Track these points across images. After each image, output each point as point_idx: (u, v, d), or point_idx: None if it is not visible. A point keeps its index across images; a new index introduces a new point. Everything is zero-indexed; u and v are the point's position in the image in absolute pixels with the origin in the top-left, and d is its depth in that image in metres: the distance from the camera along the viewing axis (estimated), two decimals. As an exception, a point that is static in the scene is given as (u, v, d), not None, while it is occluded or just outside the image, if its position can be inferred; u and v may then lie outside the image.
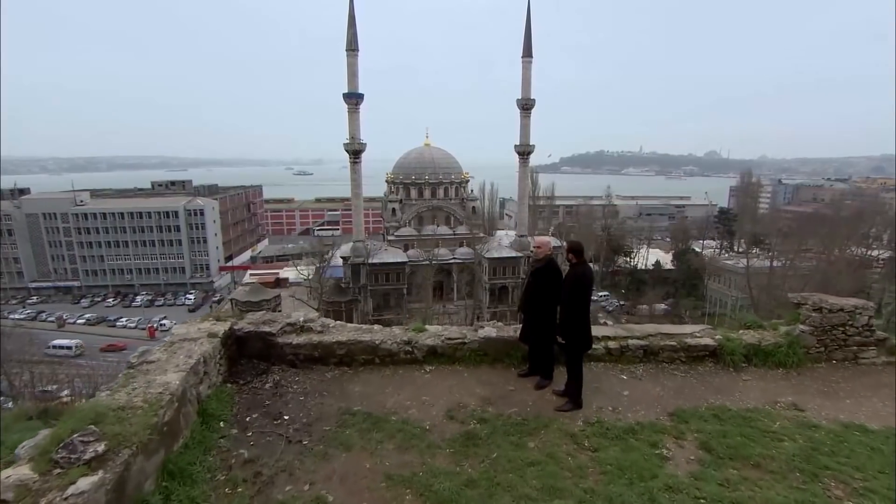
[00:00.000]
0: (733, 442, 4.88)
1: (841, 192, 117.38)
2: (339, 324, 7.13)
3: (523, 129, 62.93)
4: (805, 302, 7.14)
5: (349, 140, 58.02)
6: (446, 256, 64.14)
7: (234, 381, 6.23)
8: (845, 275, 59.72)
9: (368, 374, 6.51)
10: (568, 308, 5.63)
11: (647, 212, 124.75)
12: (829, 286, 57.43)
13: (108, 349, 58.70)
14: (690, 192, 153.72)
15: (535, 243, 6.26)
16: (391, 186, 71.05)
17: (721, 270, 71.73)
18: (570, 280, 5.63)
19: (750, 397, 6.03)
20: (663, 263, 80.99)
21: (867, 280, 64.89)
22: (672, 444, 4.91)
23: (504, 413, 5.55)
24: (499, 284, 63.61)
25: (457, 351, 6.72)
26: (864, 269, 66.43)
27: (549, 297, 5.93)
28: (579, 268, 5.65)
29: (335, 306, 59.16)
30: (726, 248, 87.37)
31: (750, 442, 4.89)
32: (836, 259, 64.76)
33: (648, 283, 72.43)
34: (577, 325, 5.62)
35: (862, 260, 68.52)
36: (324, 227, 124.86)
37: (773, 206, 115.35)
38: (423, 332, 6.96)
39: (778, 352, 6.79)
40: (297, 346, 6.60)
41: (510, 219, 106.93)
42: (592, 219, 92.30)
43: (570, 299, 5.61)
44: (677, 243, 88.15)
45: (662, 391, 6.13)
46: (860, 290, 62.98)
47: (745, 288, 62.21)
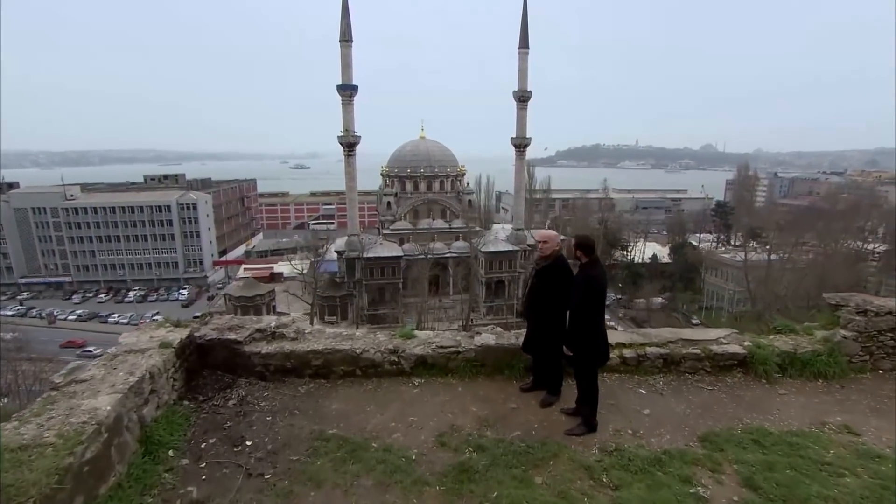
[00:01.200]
0: (783, 478, 4.04)
1: (837, 186, 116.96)
2: (316, 329, 6.27)
3: (519, 121, 61.99)
4: (846, 303, 6.31)
5: (343, 132, 56.98)
6: (442, 250, 63.25)
7: (193, 398, 5.37)
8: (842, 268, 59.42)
9: (348, 388, 5.66)
10: (578, 316, 4.79)
11: (643, 205, 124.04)
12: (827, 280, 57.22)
13: (68, 346, 56.04)
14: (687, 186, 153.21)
15: (539, 237, 5.34)
16: (386, 180, 69.97)
17: (718, 264, 71.22)
18: (580, 283, 4.79)
19: (791, 416, 5.19)
20: (660, 257, 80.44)
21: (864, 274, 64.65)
22: (708, 480, 4.08)
23: (505, 438, 4.72)
24: (495, 278, 62.86)
25: (450, 361, 5.87)
26: (860, 262, 66.22)
27: (556, 301, 5.09)
28: (591, 268, 4.79)
29: (330, 301, 58.39)
30: (723, 242, 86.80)
31: (803, 477, 4.05)
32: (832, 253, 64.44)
33: (645, 277, 71.90)
34: (589, 336, 4.78)
35: (858, 253, 68.29)
36: (319, 221, 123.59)
37: (769, 200, 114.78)
38: (412, 338, 6.11)
39: (817, 361, 5.97)
40: (267, 355, 5.74)
41: (506, 212, 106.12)
42: (589, 212, 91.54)
43: (580, 305, 4.75)
44: (674, 237, 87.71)
45: (688, 409, 5.30)
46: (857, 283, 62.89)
47: (742, 282, 61.75)
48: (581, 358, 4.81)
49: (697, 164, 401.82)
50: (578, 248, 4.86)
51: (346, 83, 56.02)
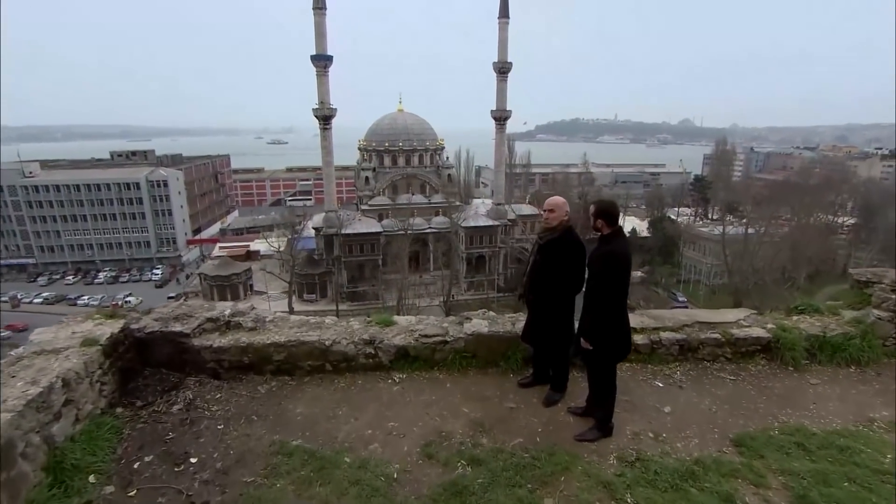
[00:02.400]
0: (843, 494, 3.35)
1: (809, 161, 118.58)
2: (278, 316, 5.37)
3: (500, 93, 60.72)
4: (878, 280, 5.66)
5: (318, 105, 54.98)
6: (422, 226, 62.14)
7: (129, 404, 4.46)
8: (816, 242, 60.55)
9: (316, 386, 4.82)
10: (598, 300, 3.94)
11: (622, 179, 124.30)
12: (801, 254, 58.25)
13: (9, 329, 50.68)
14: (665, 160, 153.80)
15: (546, 205, 4.40)
16: (363, 154, 68.15)
17: (696, 238, 71.85)
18: (600, 259, 3.92)
19: (830, 411, 4.54)
20: (639, 231, 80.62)
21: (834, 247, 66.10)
22: (754, 498, 3.38)
23: (505, 447, 3.94)
24: (476, 254, 62.22)
25: (436, 352, 5.05)
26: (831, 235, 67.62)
27: (564, 282, 4.29)
28: (614, 241, 3.95)
29: (308, 279, 57.16)
30: (701, 216, 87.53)
31: (866, 492, 3.37)
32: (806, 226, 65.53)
33: (624, 251, 71.93)
34: (610, 325, 3.96)
35: (829, 227, 69.64)
36: (296, 198, 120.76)
37: (745, 174, 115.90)
38: (390, 326, 5.26)
39: (849, 345, 5.31)
40: (220, 349, 4.84)
41: (486, 187, 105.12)
42: (569, 186, 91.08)
43: (601, 287, 3.91)
44: (653, 211, 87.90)
45: (713, 404, 4.60)
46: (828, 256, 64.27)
47: (719, 255, 62.32)
48: (600, 351, 4.00)
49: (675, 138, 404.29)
50: (600, 216, 3.98)
51: (319, 53, 53.81)
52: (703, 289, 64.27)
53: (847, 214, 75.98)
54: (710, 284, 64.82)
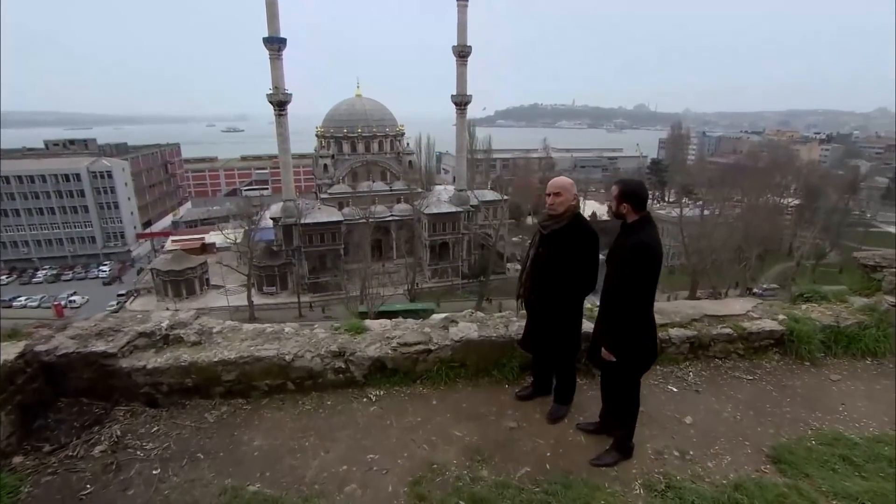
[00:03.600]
0: (915, 521, 2.84)
1: (757, 144, 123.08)
2: (229, 326, 4.50)
3: (460, 77, 59.72)
4: (889, 264, 5.28)
5: (273, 90, 52.56)
6: (384, 214, 60.90)
7: (34, 449, 3.54)
8: (765, 222, 63.01)
9: (276, 410, 4.01)
10: (624, 301, 3.27)
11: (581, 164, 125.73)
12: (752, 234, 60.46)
13: None
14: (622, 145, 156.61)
15: (551, 187, 3.66)
16: (321, 141, 65.97)
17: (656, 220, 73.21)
18: (629, 252, 3.23)
19: (862, 413, 4.09)
20: (599, 215, 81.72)
21: (781, 226, 69.04)
22: None
23: (510, 479, 3.27)
24: (439, 241, 61.53)
25: (418, 363, 4.32)
26: (778, 216, 70.55)
27: (575, 281, 3.63)
28: (643, 230, 3.28)
29: (267, 271, 55.20)
30: (658, 199, 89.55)
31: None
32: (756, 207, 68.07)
33: (585, 235, 72.84)
34: (639, 331, 3.32)
35: (777, 207, 72.60)
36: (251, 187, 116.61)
37: (699, 157, 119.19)
38: (363, 333, 4.48)
39: (865, 335, 4.93)
40: (156, 371, 3.96)
41: (447, 173, 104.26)
42: (530, 171, 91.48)
43: (628, 286, 3.23)
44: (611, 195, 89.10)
45: (736, 411, 4.07)
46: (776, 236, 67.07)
47: (677, 237, 63.91)
48: (625, 362, 3.36)
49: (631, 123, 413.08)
50: (626, 198, 3.28)
51: (272, 35, 51.29)
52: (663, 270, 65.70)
53: (791, 196, 79.27)
54: (669, 265, 66.40)
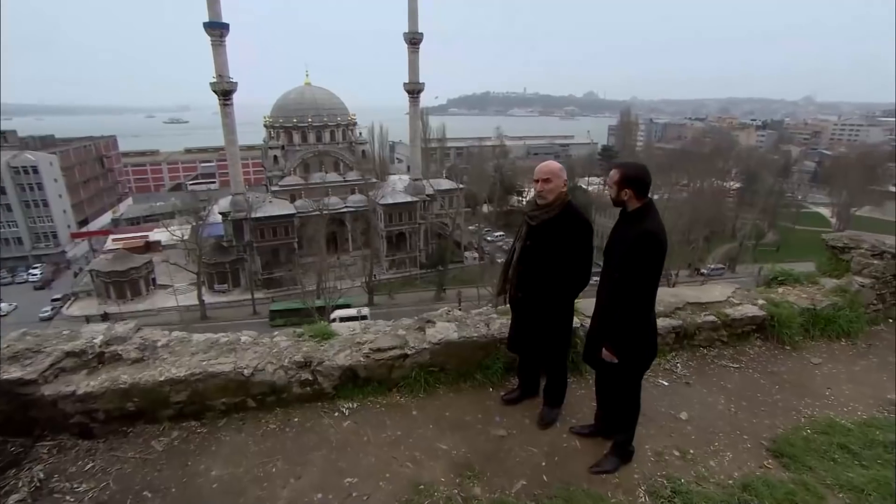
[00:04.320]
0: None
1: (701, 131, 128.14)
2: (176, 338, 3.95)
3: (412, 65, 58.85)
4: (856, 245, 5.31)
5: (216, 79, 49.93)
6: (338, 205, 59.51)
7: (-62, 498, 2.94)
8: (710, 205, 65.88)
9: (236, 433, 3.53)
10: (628, 297, 2.98)
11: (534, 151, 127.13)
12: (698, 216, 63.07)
13: None
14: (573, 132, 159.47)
15: (539, 173, 3.32)
16: (270, 131, 63.55)
17: (607, 205, 75.03)
18: (633, 242, 2.92)
19: (848, 396, 4.09)
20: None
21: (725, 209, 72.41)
22: None
23: (506, 496, 2.98)
24: (396, 231, 60.82)
25: (393, 370, 3.94)
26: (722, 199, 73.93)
27: (569, 276, 3.33)
28: (647, 218, 2.96)
29: (218, 268, 52.99)
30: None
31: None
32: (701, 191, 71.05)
33: (541, 221, 73.96)
34: (642, 328, 3.07)
35: (720, 191, 76.00)
36: (197, 181, 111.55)
37: (647, 144, 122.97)
38: (330, 339, 4.05)
39: (839, 316, 4.96)
40: (89, 396, 3.39)
41: (401, 163, 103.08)
42: (484, 159, 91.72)
43: (632, 279, 2.94)
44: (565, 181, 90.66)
45: (729, 402, 3.96)
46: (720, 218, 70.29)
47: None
48: (627, 361, 3.09)
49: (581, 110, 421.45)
50: (628, 183, 2.98)
51: (213, 20, 48.64)
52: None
53: (733, 179, 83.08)
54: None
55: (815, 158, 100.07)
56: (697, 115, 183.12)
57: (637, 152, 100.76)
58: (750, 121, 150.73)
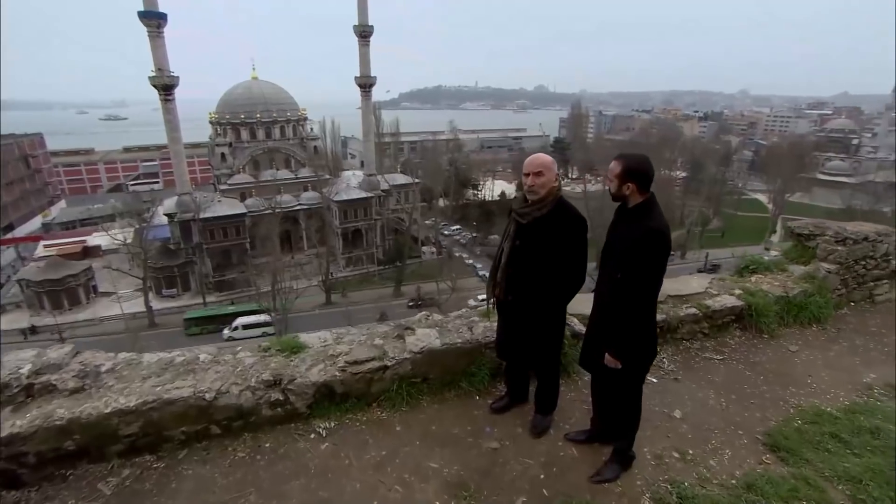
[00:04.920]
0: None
1: (648, 122, 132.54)
2: (123, 360, 3.50)
3: (363, 58, 57.83)
4: (821, 232, 5.42)
5: (156, 73, 47.33)
6: (291, 203, 57.91)
7: None
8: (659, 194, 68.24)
9: (200, 465, 3.16)
10: (632, 298, 2.79)
11: (488, 144, 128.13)
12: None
13: None
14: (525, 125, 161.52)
15: (529, 166, 3.12)
16: (217, 128, 61.03)
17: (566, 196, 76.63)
18: (631, 241, 2.74)
19: (828, 383, 4.18)
20: (508, 194, 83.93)
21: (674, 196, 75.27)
22: None
23: (507, 515, 2.75)
24: (351, 228, 59.76)
25: (373, 383, 3.66)
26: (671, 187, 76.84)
27: (563, 277, 3.13)
28: (651, 214, 2.77)
29: (166, 272, 50.48)
30: (562, 176, 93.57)
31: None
32: (653, 179, 73.46)
33: (497, 214, 74.52)
34: (646, 330, 2.91)
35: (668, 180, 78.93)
36: (139, 182, 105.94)
37: (597, 135, 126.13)
38: (300, 352, 3.71)
39: (811, 303, 5.07)
40: (15, 439, 2.92)
41: (354, 158, 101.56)
42: (438, 154, 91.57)
43: (638, 280, 2.75)
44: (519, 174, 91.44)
45: (720, 397, 3.94)
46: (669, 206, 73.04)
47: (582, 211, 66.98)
48: (629, 366, 2.92)
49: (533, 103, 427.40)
50: (631, 176, 2.79)
51: (149, 9, 45.99)
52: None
53: (679, 168, 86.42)
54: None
55: (752, 148, 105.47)
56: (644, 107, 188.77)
57: (588, 144, 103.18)
58: (692, 112, 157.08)
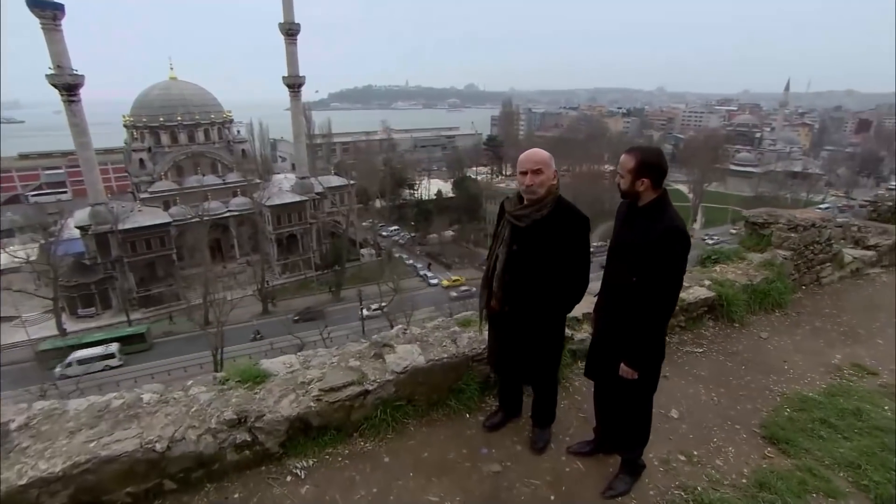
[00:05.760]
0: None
1: (575, 119, 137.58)
2: (42, 411, 2.87)
3: (290, 57, 55.81)
4: (774, 221, 5.60)
5: (55, 70, 43.00)
6: (219, 210, 54.96)
7: None
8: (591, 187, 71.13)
9: (156, 528, 2.63)
10: (652, 304, 2.58)
11: (421, 144, 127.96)
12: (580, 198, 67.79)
13: None
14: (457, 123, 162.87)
15: (526, 163, 2.81)
16: (132, 132, 56.71)
17: (497, 193, 77.99)
18: (647, 242, 2.54)
19: (803, 367, 4.28)
20: (445, 193, 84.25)
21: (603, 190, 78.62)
22: None
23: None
24: (286, 233, 57.60)
25: (353, 411, 3.25)
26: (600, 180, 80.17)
27: (567, 284, 2.88)
28: (669, 213, 2.58)
29: (81, 290, 46.16)
30: (497, 173, 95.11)
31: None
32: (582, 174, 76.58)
33: (434, 213, 74.74)
34: (662, 339, 2.73)
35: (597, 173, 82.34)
36: (42, 192, 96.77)
37: (528, 133, 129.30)
38: (265, 382, 3.23)
39: (772, 289, 5.21)
40: None
41: (285, 161, 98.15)
42: (371, 154, 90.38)
43: (658, 284, 2.55)
44: (454, 172, 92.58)
45: (708, 390, 3.94)
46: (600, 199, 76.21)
47: (517, 207, 68.74)
48: (644, 375, 2.73)
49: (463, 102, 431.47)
50: (647, 171, 2.56)
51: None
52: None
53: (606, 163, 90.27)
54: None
55: (672, 142, 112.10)
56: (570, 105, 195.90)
57: (520, 141, 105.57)
58: (616, 108, 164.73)
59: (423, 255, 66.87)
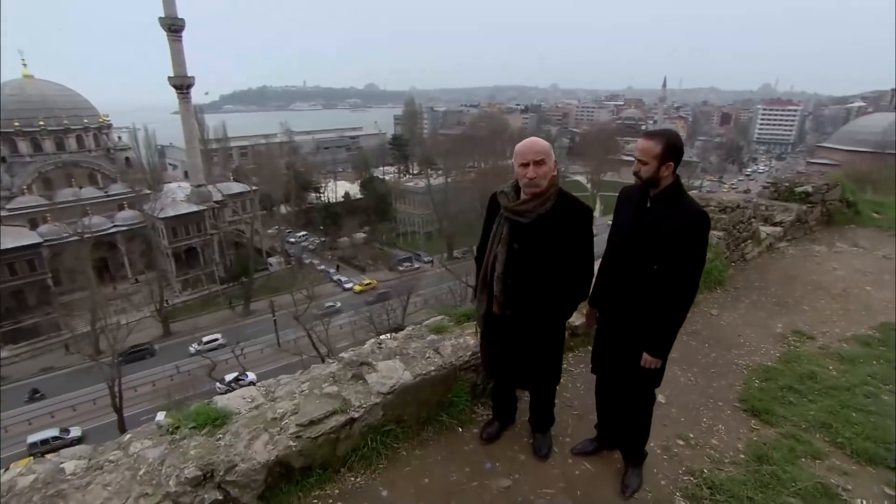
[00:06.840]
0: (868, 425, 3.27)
1: (477, 116, 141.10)
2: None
3: (175, 55, 51.56)
4: (707, 203, 5.96)
5: None
6: (104, 225, 49.53)
7: None
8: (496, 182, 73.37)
9: None
10: (677, 292, 2.51)
11: (325, 145, 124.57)
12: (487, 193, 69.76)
13: None
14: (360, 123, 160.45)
15: (525, 153, 2.58)
16: (-18, 141, 49.35)
17: (405, 193, 78.18)
18: (669, 228, 2.44)
19: (755, 340, 4.57)
20: (352, 194, 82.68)
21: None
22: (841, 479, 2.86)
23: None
24: (184, 247, 53.20)
25: (338, 444, 2.85)
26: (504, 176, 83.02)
27: (574, 283, 2.71)
28: (687, 199, 2.52)
29: (-74, 329, 39.48)
30: (404, 172, 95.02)
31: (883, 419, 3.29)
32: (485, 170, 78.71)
33: (343, 215, 73.18)
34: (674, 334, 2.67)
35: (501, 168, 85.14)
36: None
37: (431, 131, 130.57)
38: (228, 423, 2.74)
39: (713, 268, 5.56)
40: None
41: (176, 169, 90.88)
42: (273, 157, 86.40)
43: (684, 272, 2.48)
44: (361, 173, 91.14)
45: (683, 371, 4.12)
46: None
47: (427, 205, 69.36)
48: (658, 370, 2.72)
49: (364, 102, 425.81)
50: (673, 155, 2.42)
51: None
52: (421, 237, 70.77)
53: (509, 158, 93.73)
54: (426, 232, 71.61)
55: (568, 136, 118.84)
56: (471, 103, 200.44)
57: (424, 140, 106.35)
58: (515, 105, 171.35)
59: (335, 260, 65.11)
